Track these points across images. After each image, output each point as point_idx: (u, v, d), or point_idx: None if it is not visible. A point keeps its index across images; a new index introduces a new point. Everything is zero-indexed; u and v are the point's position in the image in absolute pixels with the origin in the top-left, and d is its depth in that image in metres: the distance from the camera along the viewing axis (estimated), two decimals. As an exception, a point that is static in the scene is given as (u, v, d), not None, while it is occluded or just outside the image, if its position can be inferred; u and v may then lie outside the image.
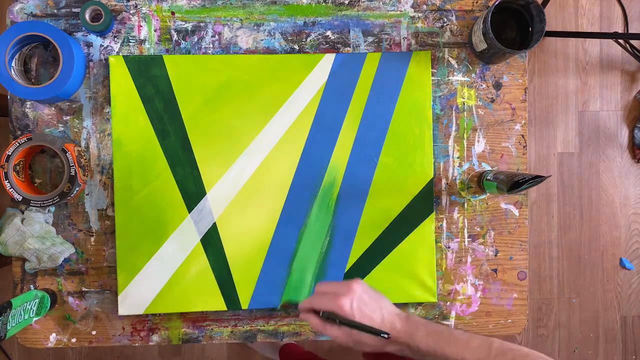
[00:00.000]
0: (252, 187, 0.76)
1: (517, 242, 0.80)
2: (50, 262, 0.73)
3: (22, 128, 0.75)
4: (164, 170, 0.75)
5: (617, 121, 1.62)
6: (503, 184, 0.70)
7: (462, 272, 0.79)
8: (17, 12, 0.75)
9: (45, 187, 0.76)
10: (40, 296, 0.71)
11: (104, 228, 0.76)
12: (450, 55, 0.79)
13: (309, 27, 0.78)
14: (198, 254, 0.75)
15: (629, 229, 1.62)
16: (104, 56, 0.76)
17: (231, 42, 0.77)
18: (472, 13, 0.79)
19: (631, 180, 1.63)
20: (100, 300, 0.76)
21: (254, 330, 0.78)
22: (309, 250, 0.76)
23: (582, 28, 1.62)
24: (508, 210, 0.80)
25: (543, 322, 1.61)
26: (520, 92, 0.80)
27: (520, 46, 0.75)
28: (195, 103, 0.75)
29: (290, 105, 0.76)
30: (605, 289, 1.62)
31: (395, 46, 0.78)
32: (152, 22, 0.76)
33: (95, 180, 0.76)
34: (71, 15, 0.75)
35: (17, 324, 0.66)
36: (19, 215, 0.73)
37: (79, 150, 0.74)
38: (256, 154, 0.76)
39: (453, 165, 0.79)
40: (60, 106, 0.75)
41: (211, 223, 0.76)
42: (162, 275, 0.75)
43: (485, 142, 0.79)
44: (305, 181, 0.76)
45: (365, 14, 0.78)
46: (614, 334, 1.62)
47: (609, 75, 1.62)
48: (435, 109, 0.78)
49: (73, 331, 0.76)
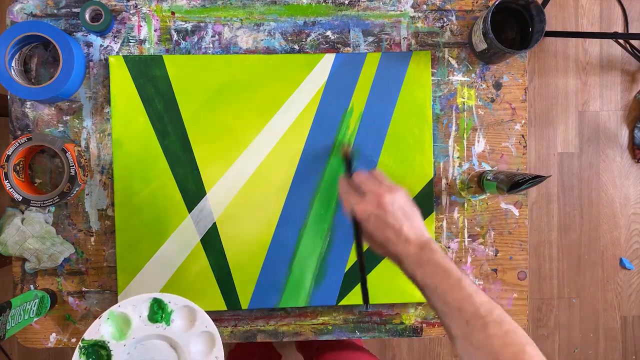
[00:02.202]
0: (252, 187, 0.76)
1: (517, 242, 0.80)
2: (50, 262, 0.73)
3: (22, 128, 0.75)
4: (164, 170, 0.75)
5: (617, 121, 1.62)
6: (503, 184, 0.70)
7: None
8: (17, 12, 0.75)
9: (45, 187, 0.76)
10: (40, 296, 0.71)
11: (104, 228, 0.76)
12: (450, 55, 0.79)
13: (309, 27, 0.78)
14: (198, 254, 0.75)
15: (629, 229, 1.62)
16: (104, 56, 0.76)
17: (231, 42, 0.77)
18: (472, 13, 0.79)
19: (631, 180, 1.63)
20: (100, 300, 0.76)
21: (254, 330, 0.78)
22: (309, 250, 0.76)
23: (582, 28, 1.62)
24: (508, 210, 0.80)
25: (543, 322, 1.61)
26: (520, 92, 0.80)
27: (520, 46, 0.75)
28: (195, 103, 0.75)
29: (290, 105, 0.76)
30: (605, 289, 1.62)
31: (395, 46, 0.78)
32: (152, 22, 0.76)
33: (95, 180, 0.76)
34: (71, 15, 0.75)
35: (17, 324, 0.66)
36: (19, 215, 0.73)
37: (79, 150, 0.74)
38: (256, 154, 0.76)
39: (453, 165, 0.79)
40: (60, 106, 0.75)
41: (211, 223, 0.76)
42: (162, 275, 0.75)
43: (485, 142, 0.80)
44: (306, 181, 0.76)
45: (365, 14, 0.78)
46: (614, 334, 1.62)
47: (609, 75, 1.62)
48: (435, 109, 0.79)
49: (73, 331, 0.76)
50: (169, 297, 0.60)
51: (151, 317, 0.60)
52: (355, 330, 0.79)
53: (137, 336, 0.59)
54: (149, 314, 0.60)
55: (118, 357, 0.58)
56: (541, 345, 1.60)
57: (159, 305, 0.60)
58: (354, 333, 0.79)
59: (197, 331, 0.60)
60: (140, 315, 0.60)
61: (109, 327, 0.60)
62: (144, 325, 0.60)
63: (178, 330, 0.60)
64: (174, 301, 0.60)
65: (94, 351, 0.59)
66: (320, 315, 0.78)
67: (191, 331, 0.60)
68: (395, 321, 0.79)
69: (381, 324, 0.79)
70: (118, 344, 0.59)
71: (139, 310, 0.60)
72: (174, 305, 0.60)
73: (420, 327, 0.79)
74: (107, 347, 0.59)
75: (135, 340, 0.59)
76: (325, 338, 0.78)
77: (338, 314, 0.79)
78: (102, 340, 0.59)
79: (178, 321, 0.61)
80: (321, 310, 0.78)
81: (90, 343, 0.59)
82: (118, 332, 0.60)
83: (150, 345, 0.60)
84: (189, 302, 0.61)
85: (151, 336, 0.60)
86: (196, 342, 0.60)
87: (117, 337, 0.59)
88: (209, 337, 0.60)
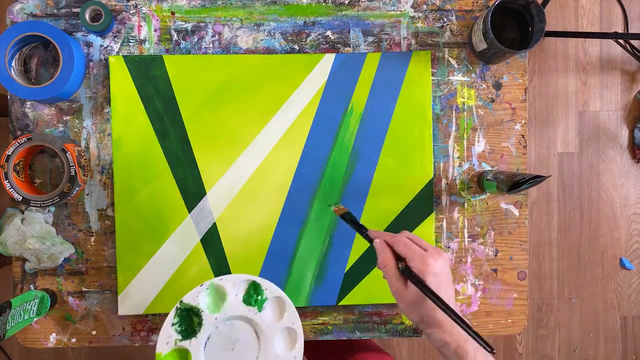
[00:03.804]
0: (252, 186, 0.76)
1: (517, 242, 0.80)
2: (50, 262, 0.73)
3: (22, 128, 0.75)
4: (164, 170, 0.75)
5: (617, 121, 1.62)
6: (503, 184, 0.70)
7: (462, 272, 0.79)
8: (17, 12, 0.75)
9: (45, 187, 0.76)
10: (40, 296, 0.71)
11: (104, 228, 0.76)
12: (450, 55, 0.79)
13: (309, 27, 0.78)
14: (198, 254, 0.75)
15: (629, 229, 1.62)
16: (104, 56, 0.76)
17: (231, 42, 0.77)
18: (472, 13, 0.79)
19: (631, 180, 1.63)
20: (100, 300, 0.76)
21: (254, 330, 0.78)
22: (309, 250, 0.76)
23: (582, 28, 1.62)
24: (508, 210, 0.80)
25: (543, 322, 1.61)
26: (520, 92, 0.80)
27: (520, 46, 0.75)
28: (195, 103, 0.75)
29: (290, 105, 0.76)
30: (605, 289, 1.62)
31: (395, 46, 0.78)
32: (152, 22, 0.76)
33: (95, 180, 0.76)
34: (71, 15, 0.75)
35: (17, 324, 0.66)
36: (19, 215, 0.73)
37: (79, 150, 0.74)
38: (256, 154, 0.76)
39: (453, 165, 0.79)
40: (60, 106, 0.75)
41: (211, 223, 0.76)
42: (162, 275, 0.75)
43: (485, 142, 0.80)
44: (305, 181, 0.76)
45: (365, 14, 0.78)
46: (614, 334, 1.62)
47: (609, 75, 1.62)
48: (435, 109, 0.78)
49: (73, 331, 0.76)
50: (267, 284, 0.61)
51: (246, 299, 0.61)
52: (355, 330, 0.79)
53: (229, 313, 0.60)
54: (245, 295, 0.61)
55: (207, 327, 0.59)
56: (541, 345, 1.60)
57: (255, 290, 0.61)
58: (354, 333, 0.79)
59: (283, 325, 0.61)
60: (237, 295, 0.61)
61: (206, 297, 0.61)
62: (237, 305, 0.60)
63: (267, 318, 0.61)
64: (270, 289, 0.61)
65: (188, 316, 0.60)
66: (320, 315, 0.78)
67: (279, 324, 0.61)
68: (395, 321, 0.79)
69: (381, 324, 0.79)
70: (210, 316, 0.60)
71: (237, 289, 0.61)
72: (269, 293, 0.61)
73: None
74: (200, 315, 0.60)
75: (227, 317, 0.60)
76: (325, 338, 0.78)
77: (338, 314, 0.79)
78: (197, 307, 0.60)
79: (269, 310, 0.61)
80: (321, 310, 0.78)
81: (187, 307, 0.60)
82: (214, 304, 0.61)
83: (238, 325, 0.61)
84: (282, 293, 0.61)
85: (241, 317, 0.61)
86: (280, 336, 0.61)
87: (211, 309, 0.60)
88: (293, 334, 0.61)
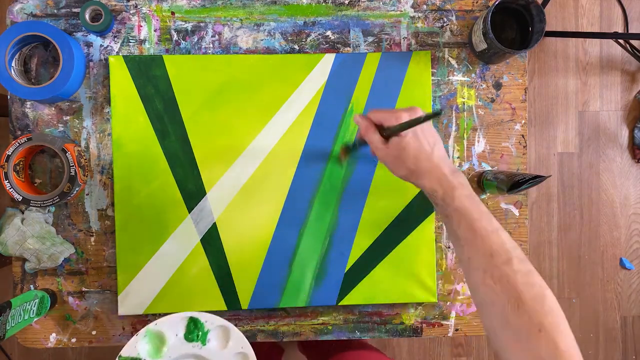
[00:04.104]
0: (252, 187, 0.76)
1: (517, 242, 0.80)
2: (50, 262, 0.73)
3: (22, 128, 0.75)
4: (164, 170, 0.75)
5: (617, 121, 1.62)
6: (503, 184, 0.70)
7: (462, 272, 0.79)
8: (17, 12, 0.75)
9: (45, 187, 0.76)
10: (40, 296, 0.71)
11: (104, 228, 0.76)
12: (450, 55, 0.79)
13: (309, 27, 0.78)
14: (198, 254, 0.75)
15: (629, 229, 1.62)
16: (104, 56, 0.76)
17: (231, 42, 0.77)
18: (472, 13, 0.79)
19: (631, 180, 1.63)
20: (100, 300, 0.76)
21: (254, 330, 0.78)
22: (309, 250, 0.76)
23: (582, 28, 1.62)
24: (508, 210, 0.80)
25: (543, 322, 1.60)
26: (520, 92, 0.80)
27: (520, 46, 0.75)
28: (195, 103, 0.75)
29: (290, 105, 0.76)
30: (605, 289, 1.62)
31: (395, 46, 0.78)
32: (152, 22, 0.76)
33: (95, 180, 0.76)
34: (71, 15, 0.75)
35: (17, 324, 0.66)
36: (19, 215, 0.73)
37: (79, 150, 0.74)
38: (256, 154, 0.76)
39: (453, 165, 0.79)
40: (60, 106, 0.75)
41: (211, 223, 0.76)
42: (162, 275, 0.75)
43: (485, 142, 0.79)
44: (305, 181, 0.76)
45: (365, 14, 0.78)
46: (614, 334, 1.62)
47: (609, 75, 1.62)
48: (435, 109, 0.78)
49: (73, 331, 0.76)
50: (206, 317, 0.60)
51: (187, 336, 0.60)
52: (355, 330, 0.79)
53: (172, 355, 0.59)
54: (186, 332, 0.60)
55: None
56: (541, 345, 1.60)
57: (195, 324, 0.60)
58: (354, 333, 0.79)
59: (232, 351, 0.60)
60: (177, 334, 0.60)
61: (146, 344, 0.60)
62: (180, 344, 0.60)
63: (213, 350, 0.60)
64: (211, 320, 0.60)
65: None
66: (320, 315, 0.78)
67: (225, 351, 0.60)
68: (395, 321, 0.79)
69: (381, 324, 0.79)
70: None
71: (176, 328, 0.60)
72: (210, 324, 0.60)
73: (420, 327, 0.79)
74: None
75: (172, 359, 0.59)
76: (325, 338, 0.78)
77: (338, 314, 0.79)
78: (138, 357, 0.59)
79: (214, 341, 0.60)
80: (321, 310, 0.78)
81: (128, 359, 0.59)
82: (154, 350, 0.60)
83: None
84: (224, 321, 0.61)
85: (187, 355, 0.60)
86: None
87: (153, 355, 0.59)
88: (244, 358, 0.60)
